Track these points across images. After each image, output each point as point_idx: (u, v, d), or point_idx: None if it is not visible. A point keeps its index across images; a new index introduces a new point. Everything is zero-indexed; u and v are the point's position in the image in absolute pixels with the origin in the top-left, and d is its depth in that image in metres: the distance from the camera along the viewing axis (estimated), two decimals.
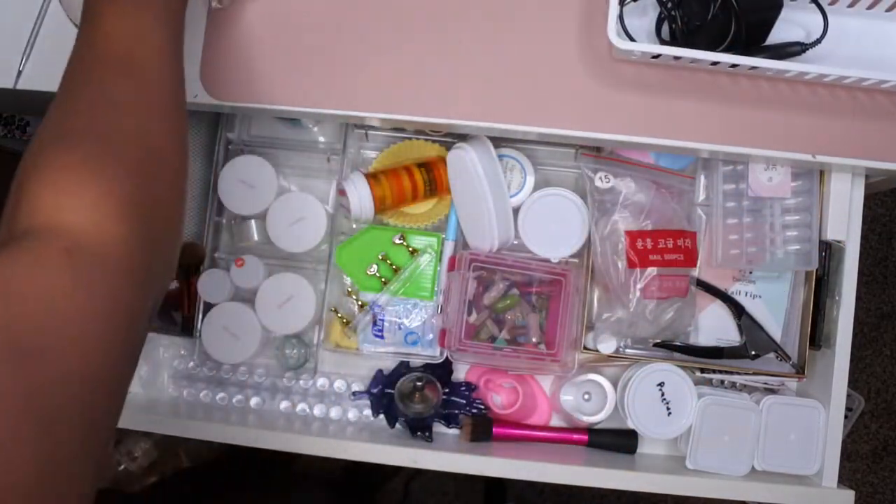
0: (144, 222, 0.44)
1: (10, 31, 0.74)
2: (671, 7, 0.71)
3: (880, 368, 1.71)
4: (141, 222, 0.44)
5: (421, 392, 0.85)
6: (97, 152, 0.45)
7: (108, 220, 0.42)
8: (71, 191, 0.42)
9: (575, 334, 0.85)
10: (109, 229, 0.42)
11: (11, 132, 1.40)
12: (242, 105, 0.74)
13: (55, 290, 0.38)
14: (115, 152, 0.45)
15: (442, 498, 1.67)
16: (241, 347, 0.86)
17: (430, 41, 0.73)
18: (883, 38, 0.75)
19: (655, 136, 0.72)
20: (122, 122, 0.47)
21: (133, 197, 0.44)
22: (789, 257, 0.83)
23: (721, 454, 0.83)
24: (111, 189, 0.43)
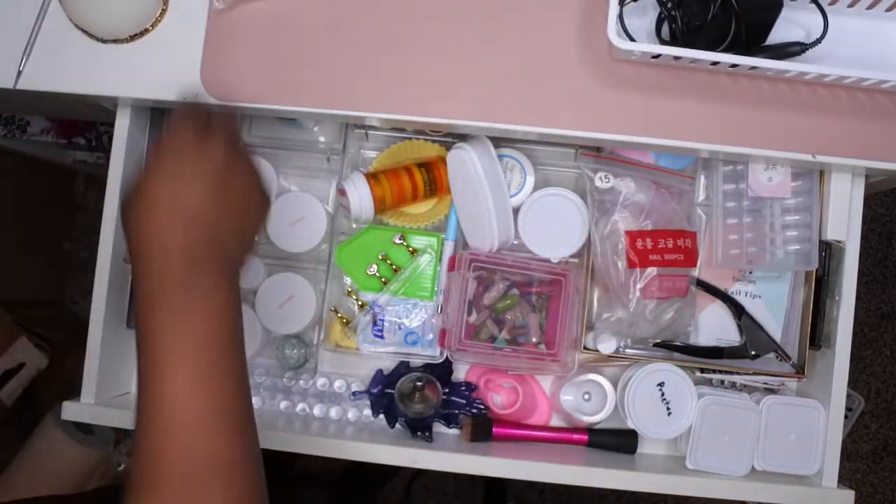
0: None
1: (10, 30, 0.74)
2: (671, 7, 0.71)
3: (880, 368, 1.71)
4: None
5: (421, 392, 0.85)
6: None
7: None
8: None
9: (575, 334, 0.85)
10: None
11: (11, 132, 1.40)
12: (243, 105, 0.74)
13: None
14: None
15: (442, 498, 1.67)
16: None
17: (430, 41, 0.73)
18: (883, 38, 0.75)
19: (655, 136, 0.72)
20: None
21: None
22: (789, 257, 0.83)
23: (721, 454, 0.83)
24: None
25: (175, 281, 0.53)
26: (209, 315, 0.53)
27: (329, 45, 0.73)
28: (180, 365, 0.52)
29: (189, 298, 0.53)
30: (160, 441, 0.51)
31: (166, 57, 0.74)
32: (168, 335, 0.52)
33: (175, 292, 0.53)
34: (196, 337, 0.53)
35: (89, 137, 1.45)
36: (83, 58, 0.74)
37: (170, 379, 0.51)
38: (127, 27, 0.73)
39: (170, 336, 0.52)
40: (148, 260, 0.53)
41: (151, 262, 0.53)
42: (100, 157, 1.51)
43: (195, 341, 0.52)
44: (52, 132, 1.41)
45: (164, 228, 0.54)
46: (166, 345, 0.52)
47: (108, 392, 0.85)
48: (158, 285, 0.53)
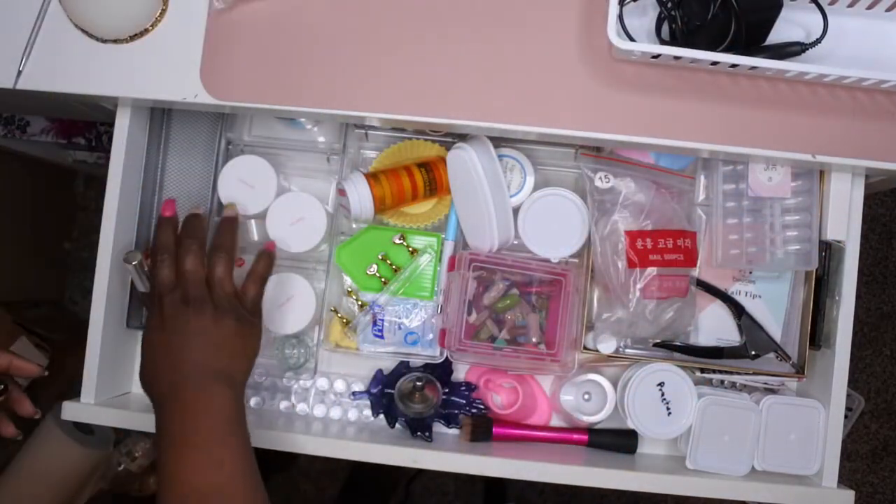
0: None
1: (10, 30, 0.74)
2: (671, 7, 0.71)
3: (880, 368, 1.71)
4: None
5: (421, 392, 0.85)
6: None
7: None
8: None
9: (575, 334, 0.85)
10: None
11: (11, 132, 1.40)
12: (243, 105, 0.74)
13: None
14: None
15: (442, 498, 1.67)
16: None
17: (429, 41, 0.73)
18: (883, 38, 0.75)
19: (655, 136, 0.72)
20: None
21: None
22: (789, 257, 0.83)
23: (721, 454, 0.83)
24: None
25: (183, 387, 0.67)
26: (213, 411, 0.66)
27: (329, 44, 0.73)
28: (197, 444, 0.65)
29: (197, 402, 0.66)
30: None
31: (166, 57, 0.74)
32: (184, 428, 0.65)
33: (188, 404, 0.66)
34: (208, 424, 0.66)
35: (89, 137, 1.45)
36: (83, 58, 0.74)
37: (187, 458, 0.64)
38: (127, 27, 0.73)
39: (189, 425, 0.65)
40: (165, 406, 0.67)
41: (168, 406, 0.67)
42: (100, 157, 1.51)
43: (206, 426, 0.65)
44: (52, 132, 1.41)
45: (170, 380, 0.68)
46: (186, 435, 0.65)
47: (107, 392, 0.85)
48: (175, 395, 0.67)
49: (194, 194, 0.88)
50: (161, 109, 0.87)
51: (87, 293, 0.98)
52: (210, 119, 0.88)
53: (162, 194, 0.88)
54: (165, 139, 0.88)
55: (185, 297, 0.70)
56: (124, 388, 0.90)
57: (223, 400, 0.67)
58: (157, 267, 0.72)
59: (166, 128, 0.88)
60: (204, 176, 0.88)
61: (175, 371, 0.68)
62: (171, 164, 0.88)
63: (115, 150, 0.83)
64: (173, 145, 0.88)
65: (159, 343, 0.69)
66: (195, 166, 0.88)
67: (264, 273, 0.77)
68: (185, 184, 0.88)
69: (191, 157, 0.88)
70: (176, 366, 0.68)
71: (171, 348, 0.68)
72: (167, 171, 0.88)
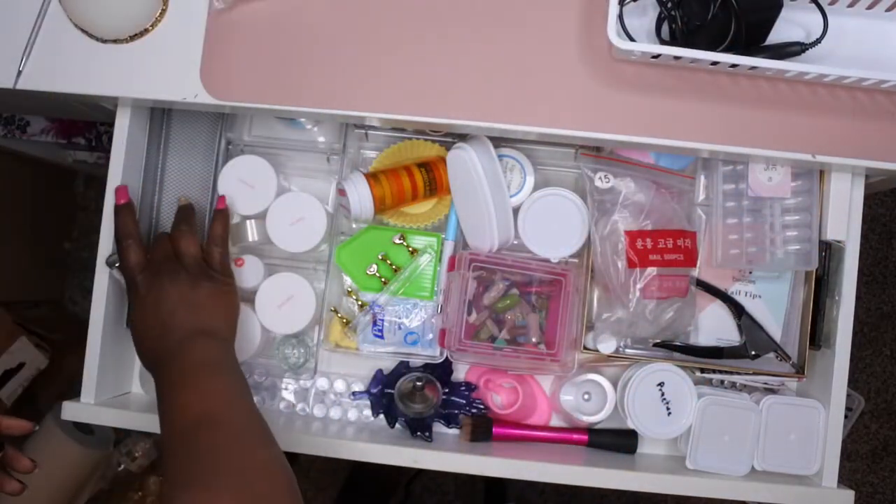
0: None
1: (10, 30, 0.74)
2: (671, 7, 0.71)
3: (880, 368, 1.71)
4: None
5: (421, 392, 0.85)
6: (223, 487, 0.58)
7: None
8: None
9: (575, 334, 0.85)
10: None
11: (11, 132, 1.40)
12: (243, 105, 0.74)
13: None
14: (236, 485, 0.59)
15: (442, 498, 1.67)
16: (240, 347, 0.86)
17: (429, 41, 0.73)
18: (882, 38, 0.75)
19: (655, 136, 0.72)
20: (231, 463, 0.61)
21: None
22: (789, 257, 0.83)
23: (721, 454, 0.83)
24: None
25: (174, 349, 0.71)
26: (197, 357, 0.70)
27: (329, 44, 0.73)
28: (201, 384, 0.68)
29: (184, 354, 0.70)
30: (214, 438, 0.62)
31: (166, 57, 0.74)
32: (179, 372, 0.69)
33: (177, 358, 0.70)
34: (203, 362, 0.70)
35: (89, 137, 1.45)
36: (83, 58, 0.74)
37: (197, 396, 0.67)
38: (127, 27, 0.73)
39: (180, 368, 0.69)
40: (161, 369, 0.71)
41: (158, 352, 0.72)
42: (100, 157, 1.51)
43: (203, 365, 0.70)
44: (52, 132, 1.41)
45: (161, 332, 0.73)
46: (186, 377, 0.68)
47: (107, 392, 0.85)
48: (168, 357, 0.70)
49: (194, 194, 0.88)
50: (161, 109, 0.87)
51: (87, 293, 0.98)
52: (210, 119, 0.88)
53: (162, 194, 0.88)
54: (165, 139, 0.88)
55: (158, 271, 0.75)
56: (124, 388, 0.90)
57: (206, 348, 0.71)
58: (124, 252, 0.76)
59: (166, 128, 0.88)
60: (204, 176, 0.88)
61: (164, 338, 0.72)
62: (171, 164, 0.88)
63: (115, 150, 0.83)
64: (173, 145, 0.88)
65: (143, 319, 0.74)
66: (195, 166, 0.88)
67: (222, 233, 0.80)
68: (185, 184, 0.88)
69: (191, 157, 0.88)
70: (163, 334, 0.72)
71: (156, 319, 0.73)
72: (167, 171, 0.88)
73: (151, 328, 0.73)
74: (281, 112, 0.76)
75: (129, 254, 0.76)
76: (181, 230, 0.79)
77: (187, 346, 0.71)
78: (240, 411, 0.66)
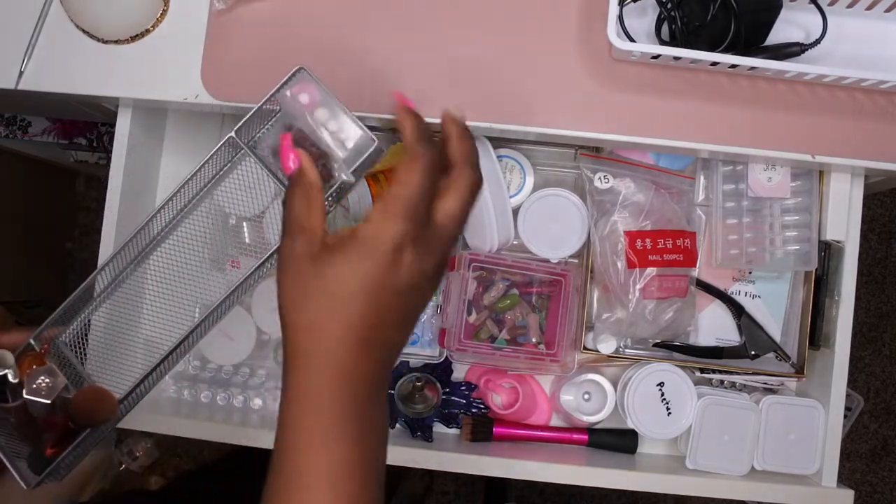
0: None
1: (12, 31, 0.74)
2: (671, 7, 0.71)
3: (879, 368, 1.71)
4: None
5: (421, 392, 0.85)
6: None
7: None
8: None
9: (575, 334, 0.85)
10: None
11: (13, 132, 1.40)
12: (243, 105, 0.74)
13: None
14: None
15: (442, 498, 1.67)
16: (236, 349, 0.86)
17: (429, 41, 0.73)
18: (882, 38, 0.75)
19: (655, 136, 0.72)
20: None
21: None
22: (789, 257, 0.83)
23: (721, 454, 0.83)
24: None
25: (336, 398, 0.46)
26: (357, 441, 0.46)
27: (329, 45, 0.73)
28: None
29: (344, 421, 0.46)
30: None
31: (167, 57, 0.74)
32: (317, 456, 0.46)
33: (331, 409, 0.46)
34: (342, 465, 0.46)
35: (90, 138, 1.45)
36: (84, 58, 0.74)
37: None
38: (128, 28, 0.73)
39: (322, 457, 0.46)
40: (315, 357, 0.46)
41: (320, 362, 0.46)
42: (101, 158, 1.51)
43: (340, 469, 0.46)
44: (53, 132, 1.42)
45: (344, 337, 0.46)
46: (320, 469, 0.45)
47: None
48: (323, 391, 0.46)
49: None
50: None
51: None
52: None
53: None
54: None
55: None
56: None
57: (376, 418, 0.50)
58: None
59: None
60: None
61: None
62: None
63: (117, 151, 0.83)
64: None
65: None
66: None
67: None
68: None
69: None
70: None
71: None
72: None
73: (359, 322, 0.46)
74: None
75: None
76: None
77: (357, 408, 0.47)
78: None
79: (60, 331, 0.59)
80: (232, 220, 0.88)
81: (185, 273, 0.69)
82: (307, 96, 0.52)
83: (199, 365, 0.90)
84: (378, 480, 0.47)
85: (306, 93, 0.52)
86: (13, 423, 0.57)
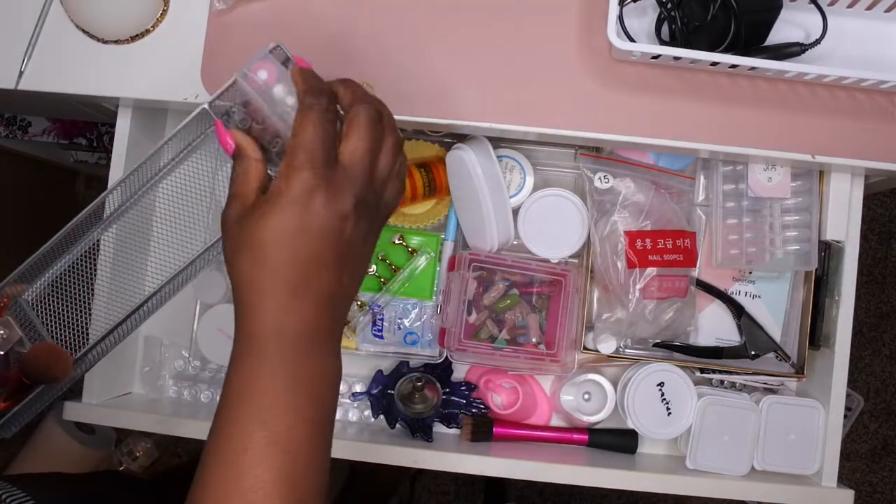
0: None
1: (12, 31, 0.74)
2: (671, 7, 0.71)
3: (879, 368, 1.71)
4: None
5: (421, 392, 0.85)
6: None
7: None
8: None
9: (575, 334, 0.85)
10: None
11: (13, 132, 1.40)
12: None
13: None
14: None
15: (442, 498, 1.67)
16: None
17: (429, 41, 0.73)
18: (882, 38, 0.75)
19: (655, 136, 0.72)
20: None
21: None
22: (789, 257, 0.83)
23: (721, 454, 0.83)
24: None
25: (286, 343, 0.48)
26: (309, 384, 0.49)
27: (329, 45, 0.73)
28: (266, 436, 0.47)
29: (294, 369, 0.49)
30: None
31: (167, 57, 0.74)
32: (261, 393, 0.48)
33: (281, 359, 0.48)
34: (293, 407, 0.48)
35: (90, 138, 1.45)
36: (84, 58, 0.74)
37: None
38: (128, 28, 0.73)
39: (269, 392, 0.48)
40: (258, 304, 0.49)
41: (262, 308, 0.49)
42: (101, 158, 1.51)
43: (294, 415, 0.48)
44: (53, 132, 1.42)
45: (283, 281, 0.48)
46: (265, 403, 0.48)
47: (109, 392, 0.85)
48: (265, 338, 0.48)
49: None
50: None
51: None
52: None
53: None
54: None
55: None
56: (125, 388, 0.90)
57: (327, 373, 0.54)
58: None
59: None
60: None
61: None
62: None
63: (117, 151, 0.83)
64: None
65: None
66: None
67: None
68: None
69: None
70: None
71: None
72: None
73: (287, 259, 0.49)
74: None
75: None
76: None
77: (306, 359, 0.50)
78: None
79: (23, 289, 0.61)
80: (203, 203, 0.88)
81: (145, 244, 0.71)
82: (265, 73, 0.54)
83: (199, 365, 0.91)
84: (319, 435, 0.50)
85: (265, 69, 0.54)
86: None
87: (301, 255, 0.48)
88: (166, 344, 0.91)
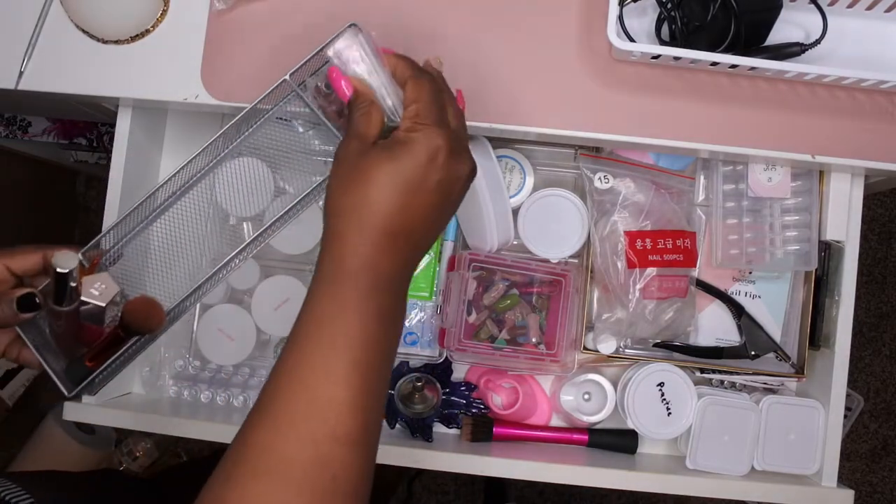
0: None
1: (12, 31, 0.74)
2: (671, 7, 0.71)
3: (879, 368, 1.71)
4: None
5: (421, 392, 0.85)
6: (281, 484, 0.46)
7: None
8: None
9: (575, 334, 0.85)
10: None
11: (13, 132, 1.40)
12: (243, 105, 0.74)
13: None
14: (298, 482, 0.47)
15: (442, 498, 1.67)
16: (235, 349, 0.86)
17: (429, 41, 0.73)
18: (882, 38, 0.75)
19: (655, 136, 0.72)
20: (302, 453, 0.48)
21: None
22: (789, 257, 0.83)
23: (721, 454, 0.83)
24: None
25: (363, 276, 0.50)
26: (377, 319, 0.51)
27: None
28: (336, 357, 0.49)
29: (366, 298, 0.50)
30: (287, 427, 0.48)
31: (167, 57, 0.74)
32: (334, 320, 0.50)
33: (357, 284, 0.50)
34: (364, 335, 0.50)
35: (90, 138, 1.45)
36: (84, 58, 0.74)
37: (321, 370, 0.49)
38: (128, 28, 0.73)
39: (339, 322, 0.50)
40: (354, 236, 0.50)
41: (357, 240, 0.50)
42: (101, 158, 1.51)
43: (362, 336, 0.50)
44: (53, 132, 1.42)
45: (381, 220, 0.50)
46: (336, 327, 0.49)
47: (109, 392, 0.85)
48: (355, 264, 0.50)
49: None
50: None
51: None
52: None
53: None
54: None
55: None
56: (125, 388, 0.90)
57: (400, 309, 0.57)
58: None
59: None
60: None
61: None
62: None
63: (117, 151, 0.83)
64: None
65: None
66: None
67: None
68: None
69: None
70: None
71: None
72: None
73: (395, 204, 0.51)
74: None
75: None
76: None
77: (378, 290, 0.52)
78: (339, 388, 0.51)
79: (101, 253, 0.65)
80: (232, 220, 0.88)
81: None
82: (354, 51, 0.58)
83: (199, 365, 0.91)
84: (387, 367, 0.52)
85: (354, 47, 0.58)
86: (58, 331, 0.60)
87: (411, 206, 0.50)
88: (167, 343, 0.91)
